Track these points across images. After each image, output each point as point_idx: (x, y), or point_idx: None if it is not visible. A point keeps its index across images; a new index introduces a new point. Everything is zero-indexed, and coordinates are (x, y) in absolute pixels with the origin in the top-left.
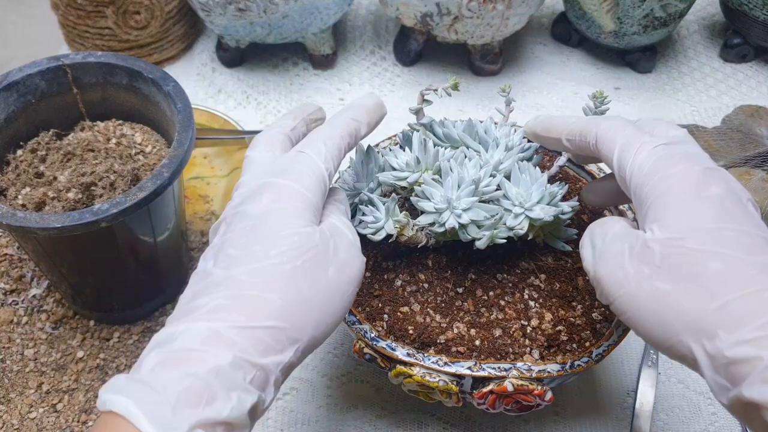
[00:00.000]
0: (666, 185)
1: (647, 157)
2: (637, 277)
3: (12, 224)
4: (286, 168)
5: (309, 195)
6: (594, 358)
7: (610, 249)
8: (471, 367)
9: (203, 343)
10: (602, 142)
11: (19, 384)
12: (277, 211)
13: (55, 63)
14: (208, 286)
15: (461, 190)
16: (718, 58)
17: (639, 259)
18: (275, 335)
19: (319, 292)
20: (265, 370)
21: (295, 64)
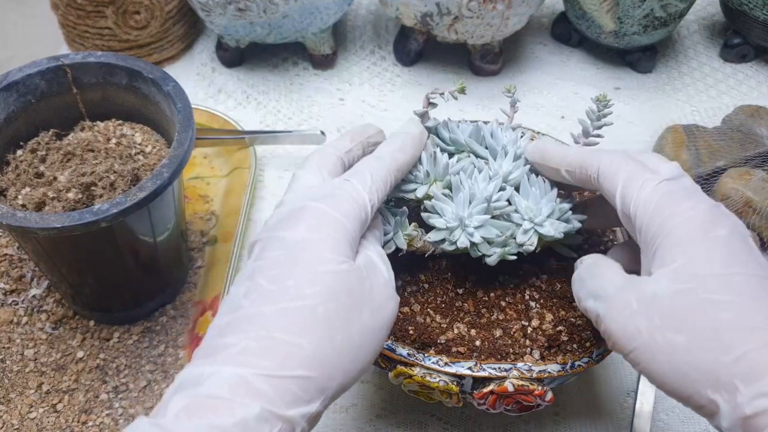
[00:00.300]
0: (672, 225)
1: (651, 194)
2: (650, 329)
3: (12, 224)
4: (328, 193)
5: (348, 225)
6: (594, 358)
7: (617, 301)
8: (471, 368)
9: (230, 391)
10: (604, 177)
11: (19, 384)
12: (313, 242)
13: (55, 63)
14: (238, 321)
15: (473, 207)
16: (718, 58)
17: (649, 310)
18: (304, 385)
19: (352, 339)
20: (291, 422)
21: (295, 64)
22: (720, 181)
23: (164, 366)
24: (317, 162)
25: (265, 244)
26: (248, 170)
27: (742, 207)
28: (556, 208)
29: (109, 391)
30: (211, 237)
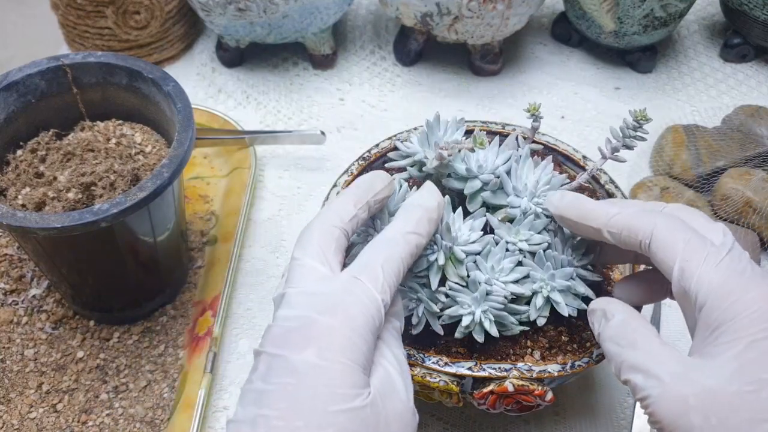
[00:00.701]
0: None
1: (715, 273)
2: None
3: (12, 224)
4: (337, 301)
5: (360, 342)
6: (594, 358)
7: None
8: (471, 368)
9: None
10: (659, 246)
11: (19, 384)
12: (323, 372)
13: (55, 63)
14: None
15: (490, 302)
16: (718, 58)
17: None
18: None
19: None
20: None
21: (295, 64)
22: (720, 181)
23: (164, 366)
24: (319, 242)
25: (271, 364)
26: (248, 170)
27: (742, 207)
28: (572, 285)
29: (109, 391)
30: (211, 237)
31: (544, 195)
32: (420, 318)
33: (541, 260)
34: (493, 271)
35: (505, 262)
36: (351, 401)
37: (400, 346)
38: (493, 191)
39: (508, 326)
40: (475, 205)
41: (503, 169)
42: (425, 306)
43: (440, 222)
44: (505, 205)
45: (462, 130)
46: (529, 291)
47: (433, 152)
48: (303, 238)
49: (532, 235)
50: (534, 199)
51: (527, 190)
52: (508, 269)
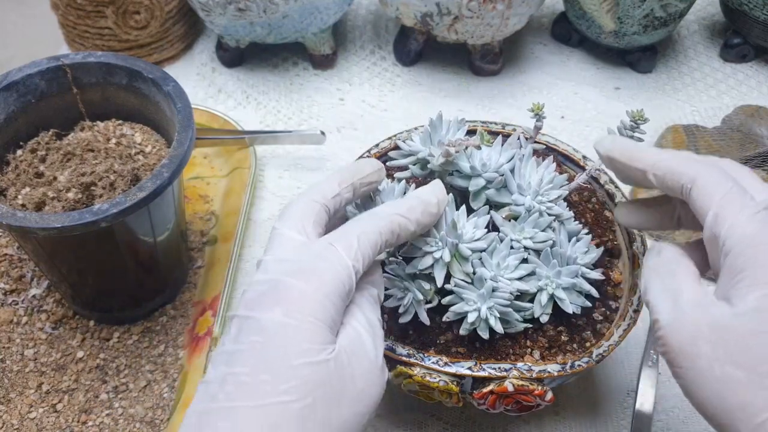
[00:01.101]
0: (765, 261)
1: (748, 222)
2: (711, 358)
3: (12, 224)
4: (309, 265)
5: (327, 304)
6: (594, 358)
7: (688, 316)
8: (471, 368)
9: None
10: (700, 191)
11: (19, 384)
12: (290, 330)
13: (55, 63)
14: (214, 413)
15: (496, 299)
16: (718, 58)
17: (718, 338)
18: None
19: (333, 429)
20: None
21: (295, 64)
22: None
23: (164, 366)
24: (300, 215)
25: (242, 325)
26: (248, 170)
27: None
28: (577, 283)
29: (109, 391)
30: (211, 237)
31: (548, 193)
32: (407, 307)
33: (547, 257)
34: (498, 268)
35: (510, 259)
36: (315, 355)
37: (375, 311)
38: (497, 189)
39: (512, 323)
40: (479, 203)
41: (507, 168)
42: (412, 295)
43: (444, 219)
44: (508, 203)
45: (464, 130)
46: (534, 288)
47: (437, 150)
48: (285, 211)
49: (537, 233)
50: (537, 197)
51: (531, 189)
52: (513, 266)
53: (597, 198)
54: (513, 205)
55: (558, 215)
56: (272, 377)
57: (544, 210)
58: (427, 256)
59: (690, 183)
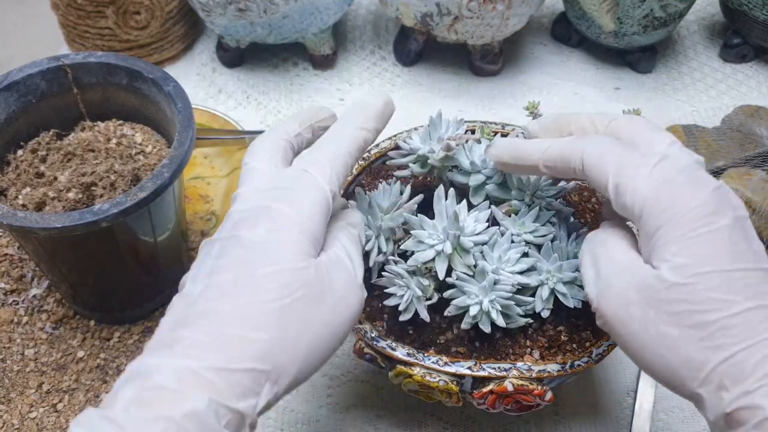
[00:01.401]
0: (673, 219)
1: (647, 184)
2: (643, 320)
3: (13, 224)
4: (287, 191)
5: (309, 224)
6: (594, 358)
7: (615, 283)
8: (471, 367)
9: (180, 382)
10: (591, 169)
11: (20, 384)
12: (272, 243)
13: (56, 63)
14: (192, 316)
15: (498, 292)
16: (718, 58)
17: (646, 300)
18: (255, 378)
19: (308, 333)
20: (241, 414)
21: (295, 64)
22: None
23: None
24: (266, 149)
25: (225, 244)
26: None
27: None
28: (578, 277)
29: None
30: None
31: (547, 189)
32: (408, 305)
33: (548, 252)
34: (499, 261)
35: (511, 253)
36: (297, 263)
37: (354, 245)
38: (497, 184)
39: (513, 317)
40: (479, 198)
41: None
42: (412, 292)
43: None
44: (508, 198)
45: (462, 129)
46: (535, 282)
47: (438, 145)
48: (252, 148)
49: (538, 227)
50: (537, 192)
51: (530, 184)
52: (515, 260)
53: (597, 198)
54: (513, 200)
55: (558, 210)
56: (253, 281)
57: (544, 205)
58: (428, 249)
59: (580, 163)
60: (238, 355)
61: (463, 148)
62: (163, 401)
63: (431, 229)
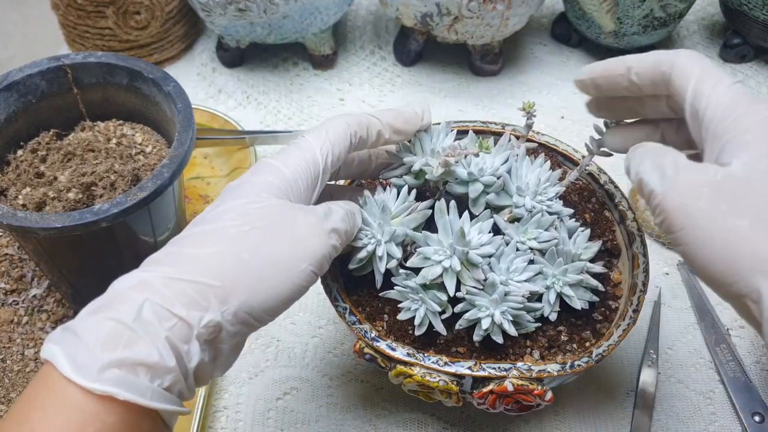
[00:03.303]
0: (748, 122)
1: (726, 92)
2: (711, 211)
3: (13, 224)
4: (279, 153)
5: (286, 171)
6: (594, 358)
7: (684, 178)
8: (471, 367)
9: (130, 289)
10: (679, 71)
11: (20, 384)
12: (246, 184)
13: (56, 63)
14: (167, 246)
15: (508, 303)
16: (718, 58)
17: (716, 193)
18: (201, 290)
19: (261, 260)
20: (186, 322)
21: (295, 64)
22: None
23: None
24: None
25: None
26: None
27: None
28: (584, 279)
29: None
30: None
31: (546, 192)
32: (422, 319)
33: (552, 256)
34: (508, 272)
35: (517, 262)
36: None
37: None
38: (496, 192)
39: (524, 324)
40: (479, 208)
41: (504, 170)
42: (426, 306)
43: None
44: (508, 205)
45: (453, 134)
46: (542, 288)
47: (433, 160)
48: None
49: (541, 233)
50: (537, 197)
51: (530, 189)
52: (522, 268)
53: (597, 198)
54: (513, 207)
55: (558, 213)
56: (220, 212)
57: (545, 209)
58: (436, 266)
59: (669, 68)
60: (186, 268)
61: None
62: (112, 306)
63: (437, 244)
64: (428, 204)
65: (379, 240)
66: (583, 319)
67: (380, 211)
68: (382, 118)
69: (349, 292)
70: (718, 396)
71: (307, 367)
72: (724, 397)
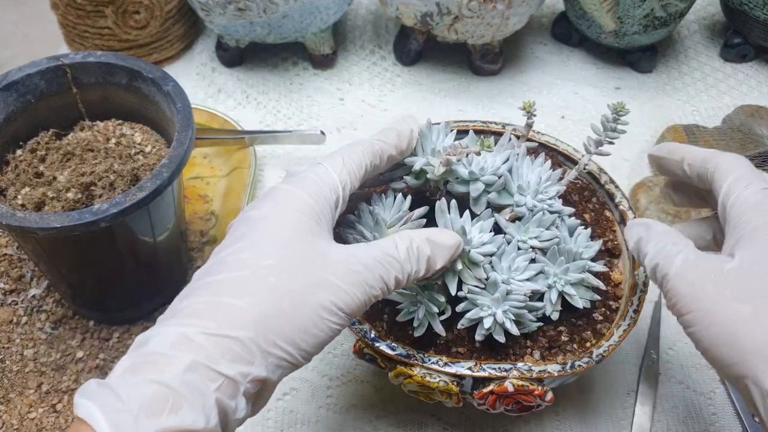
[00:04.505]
0: (763, 220)
1: (753, 194)
2: (717, 296)
3: (12, 224)
4: (297, 176)
5: (311, 201)
6: (595, 358)
7: (692, 267)
8: (471, 368)
9: (172, 347)
10: (720, 171)
11: (19, 384)
12: (274, 217)
13: (55, 63)
14: (195, 289)
15: (510, 303)
16: (719, 57)
17: (722, 280)
18: (245, 345)
19: (303, 311)
20: (233, 380)
21: (294, 64)
22: None
23: None
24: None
25: (234, 225)
26: (248, 170)
27: None
28: (585, 278)
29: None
30: (211, 237)
31: (547, 191)
32: (421, 320)
33: (554, 255)
34: (509, 271)
35: (519, 261)
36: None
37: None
38: (498, 192)
39: (526, 323)
40: (480, 207)
41: (504, 169)
42: (425, 308)
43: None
44: (509, 204)
45: (452, 136)
46: (544, 287)
47: (435, 159)
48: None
49: (542, 232)
50: (538, 196)
51: (530, 188)
52: (523, 267)
53: (597, 198)
54: (515, 206)
55: (559, 211)
56: (253, 254)
57: (546, 208)
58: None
59: (714, 166)
60: (229, 321)
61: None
62: (155, 365)
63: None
64: (421, 212)
65: None
66: (583, 319)
67: (374, 224)
68: (388, 141)
69: None
70: (718, 396)
71: (306, 368)
72: (724, 398)
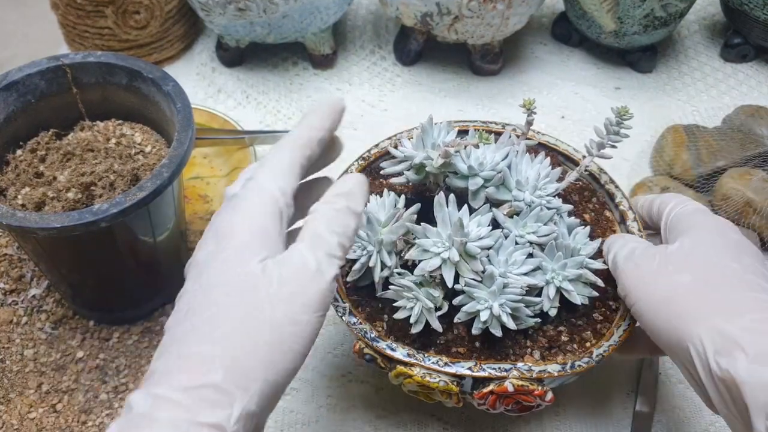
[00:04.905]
0: (697, 224)
1: (689, 210)
2: (660, 270)
3: (12, 224)
4: (234, 204)
5: (254, 226)
6: (595, 358)
7: (640, 252)
8: (471, 368)
9: (152, 407)
10: (664, 202)
11: (19, 384)
12: (218, 254)
13: (55, 63)
14: (165, 344)
15: (507, 296)
16: (719, 57)
17: (665, 258)
18: (220, 387)
19: (265, 332)
20: (218, 426)
21: (294, 64)
22: (720, 181)
23: None
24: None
25: (189, 271)
26: None
27: (742, 207)
28: (583, 274)
29: (109, 391)
30: None
31: (545, 187)
32: (418, 316)
33: (552, 251)
34: (506, 264)
35: (516, 255)
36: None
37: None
38: (496, 187)
39: (522, 319)
40: (479, 202)
41: (504, 165)
42: (421, 303)
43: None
44: (508, 199)
45: (453, 133)
46: (541, 282)
47: (434, 152)
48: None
49: (540, 227)
50: (536, 192)
51: (529, 184)
52: (521, 261)
53: (597, 198)
54: (513, 201)
55: (557, 208)
56: (204, 296)
57: (544, 204)
58: (434, 258)
59: (659, 202)
60: (198, 370)
61: (459, 153)
62: (139, 428)
63: (435, 236)
64: (414, 209)
65: (371, 251)
66: (583, 319)
67: (366, 223)
68: (313, 125)
69: (348, 293)
70: None
71: (306, 368)
72: None
